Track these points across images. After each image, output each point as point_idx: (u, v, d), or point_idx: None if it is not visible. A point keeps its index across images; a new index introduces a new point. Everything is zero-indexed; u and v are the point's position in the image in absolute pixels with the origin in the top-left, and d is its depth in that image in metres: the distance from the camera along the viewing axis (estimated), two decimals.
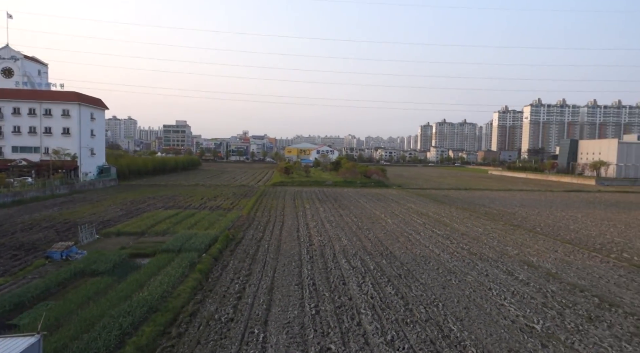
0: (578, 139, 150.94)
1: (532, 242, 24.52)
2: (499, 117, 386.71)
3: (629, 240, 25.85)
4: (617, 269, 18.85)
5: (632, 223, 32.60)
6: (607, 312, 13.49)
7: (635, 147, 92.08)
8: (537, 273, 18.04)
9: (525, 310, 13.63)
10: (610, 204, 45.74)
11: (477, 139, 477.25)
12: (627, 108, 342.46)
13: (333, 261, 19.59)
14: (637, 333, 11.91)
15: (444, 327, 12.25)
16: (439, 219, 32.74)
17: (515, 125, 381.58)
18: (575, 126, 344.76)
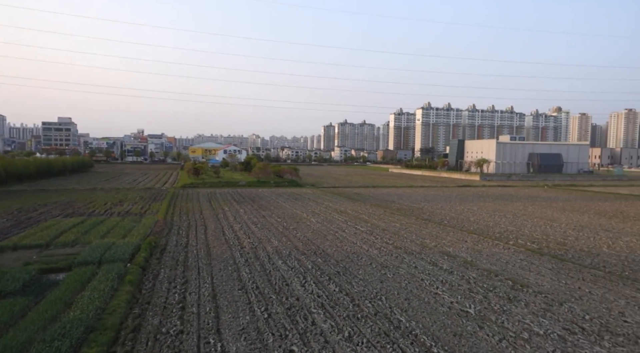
0: (461, 139, 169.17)
1: (444, 234, 27.05)
2: (394, 118, 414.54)
3: (518, 227, 29.88)
4: (517, 254, 21.75)
5: (517, 212, 37.69)
6: (520, 293, 15.57)
7: (509, 146, 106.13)
8: (456, 262, 20.02)
9: (457, 296, 15.11)
10: (496, 197, 52.23)
11: (376, 139, 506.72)
12: (499, 112, 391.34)
13: (270, 263, 19.48)
14: (548, 309, 13.97)
15: (392, 319, 13.04)
16: (358, 217, 34.31)
17: (409, 126, 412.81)
18: (459, 127, 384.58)
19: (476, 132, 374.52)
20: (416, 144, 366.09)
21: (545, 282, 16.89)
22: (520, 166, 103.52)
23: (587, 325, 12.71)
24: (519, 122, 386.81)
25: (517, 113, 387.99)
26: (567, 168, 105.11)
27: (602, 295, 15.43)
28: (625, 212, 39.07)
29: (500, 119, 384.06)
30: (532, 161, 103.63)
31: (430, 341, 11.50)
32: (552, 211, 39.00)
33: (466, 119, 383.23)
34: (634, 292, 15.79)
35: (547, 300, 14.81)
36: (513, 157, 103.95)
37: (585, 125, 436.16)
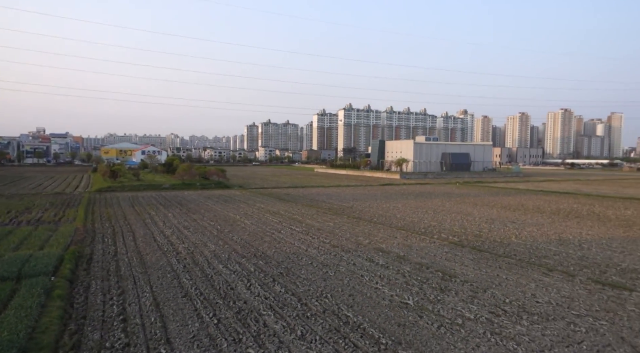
0: (381, 139, 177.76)
1: (376, 231, 28.52)
2: (318, 119, 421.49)
3: (440, 222, 32.46)
4: (442, 247, 23.73)
5: (437, 208, 40.82)
6: (450, 283, 17.14)
7: (425, 146, 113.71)
8: (390, 257, 21.32)
9: (396, 289, 16.21)
10: (417, 194, 55.91)
11: (300, 139, 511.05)
12: (414, 114, 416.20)
13: (210, 268, 19.13)
14: (474, 296, 15.58)
15: (340, 315, 13.67)
16: (292, 217, 34.73)
17: (332, 127, 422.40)
18: (378, 128, 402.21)
19: (394, 132, 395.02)
20: (339, 144, 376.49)
21: (469, 272, 18.74)
22: (434, 165, 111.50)
23: (507, 307, 14.44)
24: (431, 123, 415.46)
25: (430, 115, 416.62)
26: (474, 166, 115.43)
27: (517, 280, 17.55)
28: (525, 205, 44.22)
29: (415, 121, 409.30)
30: (445, 160, 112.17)
31: (377, 333, 12.30)
32: (466, 206, 42.84)
33: (385, 120, 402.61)
34: (540, 276, 18.18)
35: (473, 287, 16.50)
36: (429, 156, 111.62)
37: (487, 127, 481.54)
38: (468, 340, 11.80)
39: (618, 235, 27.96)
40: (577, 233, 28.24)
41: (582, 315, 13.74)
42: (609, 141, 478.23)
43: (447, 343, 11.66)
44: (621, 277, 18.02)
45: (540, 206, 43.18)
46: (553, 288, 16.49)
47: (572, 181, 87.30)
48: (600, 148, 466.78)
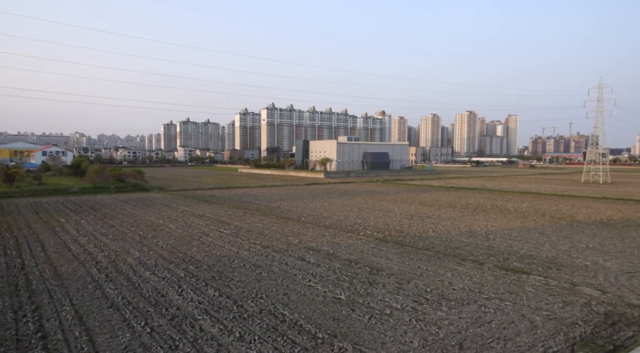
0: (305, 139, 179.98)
1: (305, 230, 29.16)
2: (240, 118, 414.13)
3: (364, 220, 34.06)
4: (368, 243, 25.04)
5: (361, 206, 42.67)
6: (377, 276, 18.25)
7: (347, 146, 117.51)
8: (320, 255, 22.04)
9: (328, 286, 16.89)
10: (341, 193, 57.79)
11: (221, 138, 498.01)
12: (336, 114, 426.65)
13: (136, 276, 18.26)
14: (400, 287, 16.81)
15: (277, 314, 13.96)
16: (219, 220, 34.09)
17: (255, 126, 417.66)
18: (301, 127, 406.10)
19: (316, 132, 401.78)
20: (262, 143, 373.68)
21: (393, 265, 20.08)
22: (357, 164, 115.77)
23: (429, 296, 15.82)
24: (352, 124, 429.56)
25: (351, 116, 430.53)
26: (393, 165, 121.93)
27: (435, 270, 19.21)
28: (439, 201, 47.98)
29: (337, 121, 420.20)
30: (366, 159, 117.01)
31: (314, 328, 12.82)
32: (388, 204, 45.35)
33: (307, 120, 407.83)
34: (455, 265, 20.08)
35: (398, 279, 17.77)
36: (351, 156, 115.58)
37: (403, 127, 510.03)
38: (396, 328, 12.79)
39: (517, 225, 31.64)
40: (484, 225, 31.44)
41: (491, 297, 15.53)
42: (507, 140, 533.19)
43: (377, 332, 12.53)
44: (520, 263, 20.56)
45: (452, 202, 47.13)
46: (466, 276, 18.34)
47: (477, 178, 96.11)
48: (500, 146, 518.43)
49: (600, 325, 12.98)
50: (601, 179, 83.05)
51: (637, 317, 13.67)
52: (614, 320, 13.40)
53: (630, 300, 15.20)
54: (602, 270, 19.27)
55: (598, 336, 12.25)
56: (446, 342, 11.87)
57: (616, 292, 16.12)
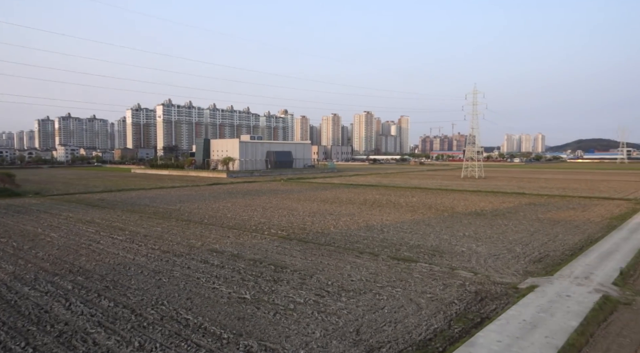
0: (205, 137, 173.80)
1: (208, 233, 28.53)
2: (132, 114, 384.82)
3: (269, 219, 34.41)
4: (273, 242, 25.45)
5: (265, 205, 42.90)
6: (282, 274, 18.76)
7: (250, 145, 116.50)
8: (224, 257, 21.86)
9: (233, 286, 16.92)
10: (245, 193, 57.32)
11: (111, 136, 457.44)
12: (238, 113, 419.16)
13: (12, 293, 16.28)
14: (303, 282, 17.52)
15: (180, 319, 13.66)
16: (111, 225, 31.64)
17: (150, 123, 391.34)
18: (201, 125, 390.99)
19: (218, 130, 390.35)
20: (158, 142, 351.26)
21: (297, 262, 20.78)
22: (260, 163, 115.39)
23: (330, 288, 16.78)
24: (255, 122, 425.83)
25: (253, 114, 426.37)
26: (296, 163, 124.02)
27: (336, 264, 20.35)
28: (340, 198, 50.34)
29: (239, 119, 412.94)
30: (270, 158, 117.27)
31: (219, 329, 12.84)
32: (291, 202, 46.27)
33: (208, 117, 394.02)
34: (354, 258, 21.48)
35: (301, 275, 18.48)
36: (254, 155, 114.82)
37: (306, 126, 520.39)
38: (300, 321, 13.41)
39: (408, 218, 34.71)
40: (379, 220, 33.91)
41: (384, 286, 17.03)
42: (400, 139, 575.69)
43: (282, 327, 13.01)
44: (410, 252, 22.74)
45: (352, 198, 49.80)
46: (363, 267, 19.77)
47: (374, 175, 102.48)
48: (394, 145, 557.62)
49: (472, 302, 15.10)
50: (477, 175, 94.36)
51: (499, 292, 16.17)
52: (482, 296, 15.67)
53: (495, 279, 17.87)
54: (474, 254, 22.23)
55: (469, 311, 14.25)
56: (345, 329, 12.81)
57: (485, 273, 18.80)
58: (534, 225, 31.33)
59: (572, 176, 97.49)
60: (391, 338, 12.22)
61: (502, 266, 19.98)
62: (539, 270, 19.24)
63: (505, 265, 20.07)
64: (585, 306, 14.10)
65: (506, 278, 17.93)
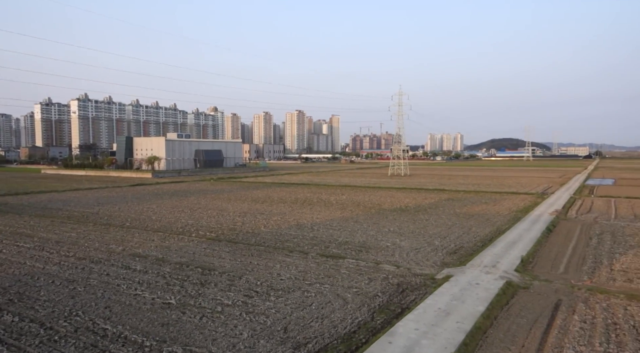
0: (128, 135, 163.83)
1: (130, 237, 27.03)
2: (42, 109, 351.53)
3: (197, 220, 33.41)
4: (201, 244, 24.79)
5: (193, 206, 41.54)
6: (209, 276, 18.38)
7: (177, 144, 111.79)
8: (148, 261, 20.90)
9: (157, 292, 16.27)
10: (172, 193, 54.98)
11: (16, 133, 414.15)
12: (164, 109, 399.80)
13: None
14: (232, 284, 17.33)
15: (97, 330, 12.88)
16: (15, 232, 28.76)
17: (63, 119, 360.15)
18: (123, 122, 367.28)
19: (142, 128, 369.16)
20: (74, 140, 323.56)
21: (226, 263, 20.48)
22: (188, 162, 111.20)
23: (259, 288, 16.79)
24: (182, 119, 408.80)
25: (181, 111, 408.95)
26: (226, 162, 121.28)
27: (265, 264, 20.38)
28: (272, 197, 50.23)
29: (165, 116, 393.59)
30: (199, 157, 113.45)
31: (141, 337, 12.32)
32: (221, 202, 45.28)
33: (131, 114, 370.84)
34: (284, 257, 21.65)
35: (230, 277, 18.26)
36: (182, 154, 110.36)
37: (237, 124, 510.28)
38: (227, 324, 13.29)
39: (337, 216, 35.62)
40: (310, 218, 34.43)
41: (313, 283, 17.40)
42: (332, 138, 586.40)
43: (209, 330, 12.81)
44: (338, 249, 23.42)
45: (283, 197, 49.92)
46: (293, 266, 20.01)
47: (306, 174, 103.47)
48: (326, 143, 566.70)
49: (394, 294, 15.99)
50: (403, 173, 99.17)
51: (419, 283, 17.28)
52: (403, 288, 16.65)
53: (415, 271, 19.05)
54: (398, 248, 23.48)
55: (391, 303, 15.08)
56: (273, 328, 12.93)
57: (406, 266, 19.96)
58: (452, 219, 33.76)
59: (485, 173, 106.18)
60: (318, 333, 12.57)
61: (422, 258, 21.33)
62: (454, 260, 20.84)
63: (425, 258, 21.46)
64: (491, 293, 15.57)
65: (425, 270, 19.19)
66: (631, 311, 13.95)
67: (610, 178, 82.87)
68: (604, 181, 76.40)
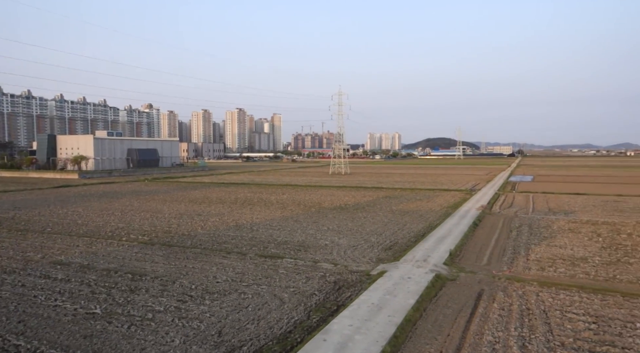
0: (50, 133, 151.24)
1: (51, 243, 25.03)
2: None
3: (128, 223, 31.69)
4: (132, 248, 23.54)
5: (124, 209, 39.31)
6: (140, 282, 17.51)
7: (107, 142, 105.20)
8: (71, 269, 19.47)
9: (80, 302, 15.20)
10: (101, 195, 51.63)
11: None
12: (92, 105, 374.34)
13: None
14: (164, 289, 16.64)
15: (8, 347, 11.79)
16: None
17: None
18: (45, 119, 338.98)
19: (67, 125, 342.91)
20: None
21: (159, 268, 19.63)
22: (120, 162, 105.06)
23: (193, 292, 16.28)
24: (113, 116, 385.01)
25: (111, 107, 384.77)
26: (162, 162, 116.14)
27: (202, 267, 19.81)
28: (210, 197, 48.89)
29: (93, 113, 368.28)
30: (132, 157, 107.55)
31: (59, 352, 11.45)
32: (156, 204, 43.30)
33: (54, 110, 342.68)
34: (221, 259, 21.18)
35: (163, 282, 17.54)
36: (112, 153, 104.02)
37: (174, 122, 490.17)
38: (158, 331, 12.75)
39: (277, 215, 35.48)
40: (250, 218, 33.98)
41: (250, 284, 17.21)
42: (273, 137, 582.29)
43: (137, 339, 12.21)
44: (277, 249, 23.35)
45: (222, 197, 48.79)
46: (230, 267, 19.64)
47: (247, 173, 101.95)
48: (268, 142, 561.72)
49: (330, 291, 16.26)
50: (343, 171, 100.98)
51: (355, 280, 17.71)
52: (340, 285, 16.98)
53: (352, 268, 19.50)
54: (336, 246, 23.89)
55: (328, 300, 15.32)
56: (206, 333, 12.61)
57: (344, 263, 20.37)
58: (388, 216, 34.97)
59: (421, 171, 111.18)
60: (253, 335, 12.46)
61: (359, 255, 21.88)
62: (389, 256, 21.61)
63: (362, 255, 22.04)
64: (421, 286, 16.35)
65: (361, 267, 19.71)
66: (542, 297, 15.32)
67: (530, 175, 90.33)
68: (525, 178, 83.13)
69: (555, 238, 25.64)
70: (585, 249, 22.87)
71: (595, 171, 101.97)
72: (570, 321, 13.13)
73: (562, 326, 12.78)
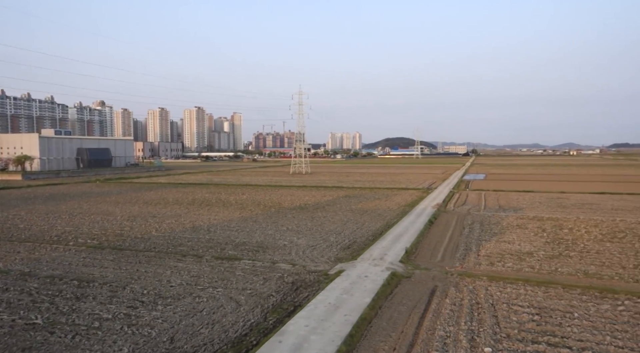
0: None
1: None
2: None
3: (76, 227, 30.10)
4: (79, 253, 22.35)
5: (73, 211, 37.31)
6: (87, 289, 16.66)
7: (54, 141, 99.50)
8: (10, 277, 18.24)
9: (19, 312, 14.25)
10: (47, 197, 48.74)
11: None
12: (37, 102, 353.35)
13: None
14: (114, 295, 15.91)
15: None
16: None
17: None
18: None
19: (10, 123, 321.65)
20: None
21: (109, 273, 18.76)
22: (69, 162, 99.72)
23: (145, 298, 15.68)
24: (62, 114, 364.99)
25: (59, 104, 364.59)
26: (115, 161, 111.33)
27: (155, 271, 19.12)
28: (166, 198, 47.37)
29: (39, 110, 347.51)
30: (82, 156, 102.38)
31: None
32: (107, 206, 41.42)
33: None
34: (176, 262, 20.54)
35: (112, 287, 16.77)
36: (60, 153, 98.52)
37: (128, 120, 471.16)
38: (105, 340, 12.16)
39: (236, 216, 34.92)
40: (207, 219, 33.21)
41: (205, 287, 16.80)
42: (234, 136, 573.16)
43: (82, 350, 11.59)
44: (235, 250, 22.96)
45: (179, 198, 47.41)
46: (185, 271, 19.09)
47: (206, 173, 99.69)
48: (228, 141, 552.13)
49: (288, 292, 16.17)
50: (304, 171, 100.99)
51: (313, 280, 17.72)
52: (297, 286, 16.93)
53: (310, 268, 19.50)
54: (295, 247, 23.81)
55: (285, 301, 15.23)
56: (158, 340, 12.17)
57: (302, 263, 20.33)
58: (347, 215, 35.30)
59: (380, 170, 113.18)
60: (207, 340, 12.15)
61: (318, 255, 21.93)
62: (347, 255, 21.80)
63: (320, 254, 22.09)
64: (377, 284, 16.60)
65: (320, 266, 19.75)
66: (491, 291, 15.98)
67: (482, 173, 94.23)
68: (478, 176, 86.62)
69: (504, 234, 26.85)
70: (531, 244, 24.10)
71: (542, 170, 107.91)
72: (516, 313, 13.77)
73: (508, 318, 13.37)
